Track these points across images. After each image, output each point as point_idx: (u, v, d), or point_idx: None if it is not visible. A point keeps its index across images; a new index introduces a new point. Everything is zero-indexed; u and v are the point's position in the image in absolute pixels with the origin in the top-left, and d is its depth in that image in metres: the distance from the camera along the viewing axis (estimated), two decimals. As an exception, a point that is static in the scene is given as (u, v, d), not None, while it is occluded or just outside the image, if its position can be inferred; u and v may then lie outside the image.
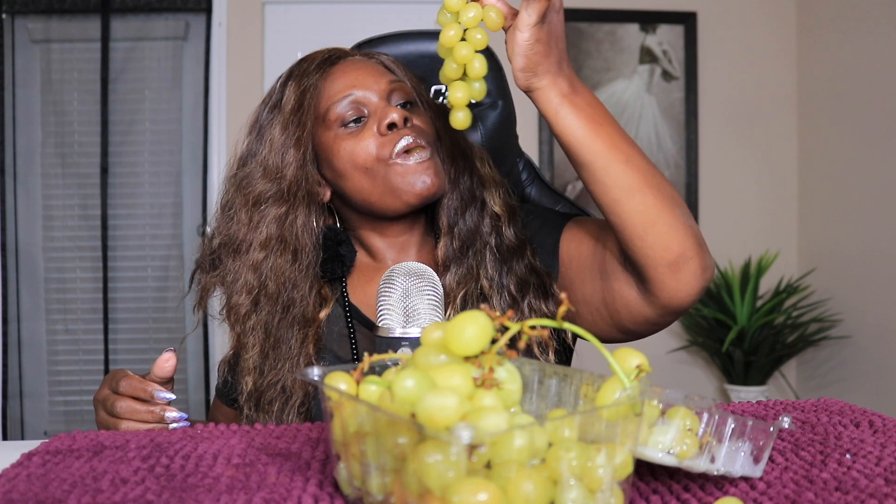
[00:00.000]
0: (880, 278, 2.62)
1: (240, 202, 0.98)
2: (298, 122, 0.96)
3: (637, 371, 0.51)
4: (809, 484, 0.57)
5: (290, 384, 0.94)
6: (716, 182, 3.10)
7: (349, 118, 0.95)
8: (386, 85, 0.97)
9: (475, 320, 0.51)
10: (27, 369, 2.99)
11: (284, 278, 0.95)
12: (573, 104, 0.80)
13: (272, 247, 0.95)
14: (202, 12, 2.95)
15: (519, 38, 0.76)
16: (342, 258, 0.99)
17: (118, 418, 0.82)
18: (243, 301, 0.96)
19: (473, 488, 0.42)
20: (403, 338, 0.79)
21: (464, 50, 0.77)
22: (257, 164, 0.97)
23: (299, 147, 0.95)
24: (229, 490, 0.56)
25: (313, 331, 0.96)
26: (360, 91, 0.96)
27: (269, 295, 0.95)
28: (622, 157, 0.81)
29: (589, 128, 0.80)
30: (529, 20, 0.75)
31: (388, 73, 1.00)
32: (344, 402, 0.51)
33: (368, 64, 1.00)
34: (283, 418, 0.93)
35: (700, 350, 3.07)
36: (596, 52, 3.04)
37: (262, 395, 0.95)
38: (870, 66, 2.67)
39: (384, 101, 0.96)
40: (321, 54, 1.00)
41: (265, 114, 1.00)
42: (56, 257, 3.01)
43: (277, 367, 0.94)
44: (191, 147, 3.00)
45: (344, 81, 0.97)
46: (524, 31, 0.75)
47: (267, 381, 0.94)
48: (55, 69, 2.99)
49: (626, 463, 0.49)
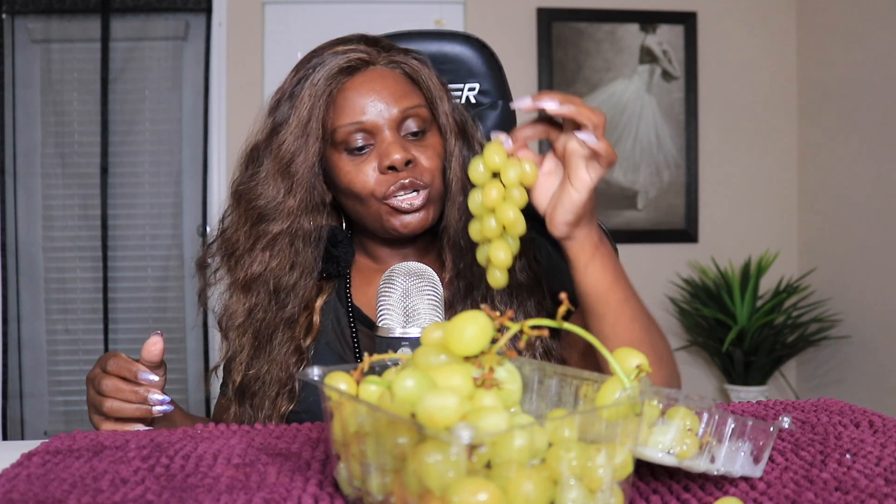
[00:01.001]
0: (880, 278, 2.62)
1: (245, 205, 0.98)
2: (309, 131, 0.95)
3: (637, 371, 0.51)
4: (809, 484, 0.57)
5: (268, 380, 0.96)
6: (716, 182, 3.10)
7: (354, 145, 0.94)
8: (398, 114, 0.94)
9: (475, 320, 0.51)
10: (27, 369, 2.99)
11: (282, 280, 0.96)
12: (602, 255, 0.80)
13: (275, 247, 0.96)
14: (202, 12, 2.95)
15: (575, 197, 0.74)
16: (337, 259, 1.00)
17: (103, 396, 0.83)
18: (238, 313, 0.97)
19: (473, 488, 0.42)
20: (403, 338, 0.79)
21: (510, 212, 0.73)
22: (269, 160, 0.97)
23: (308, 153, 0.95)
24: (229, 490, 0.56)
25: (304, 321, 0.98)
26: (370, 119, 0.93)
27: (267, 300, 0.96)
28: (630, 313, 0.81)
29: (609, 281, 0.80)
30: (590, 182, 0.74)
31: (406, 91, 0.96)
32: (344, 402, 0.51)
33: (387, 80, 0.96)
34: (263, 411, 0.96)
35: (700, 350, 3.07)
36: (596, 52, 3.04)
37: (245, 389, 0.97)
38: (870, 67, 2.67)
39: (394, 131, 0.94)
40: (340, 62, 0.95)
41: (279, 110, 0.98)
42: (56, 257, 3.01)
43: (260, 363, 0.97)
44: (191, 147, 3.00)
45: (356, 104, 0.94)
46: (582, 192, 0.74)
47: (249, 377, 0.97)
48: (55, 69, 2.99)
49: (626, 463, 0.49)
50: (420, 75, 0.98)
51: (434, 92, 0.98)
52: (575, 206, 0.75)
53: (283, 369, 0.96)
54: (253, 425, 0.77)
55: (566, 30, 3.03)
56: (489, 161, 0.73)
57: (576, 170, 0.74)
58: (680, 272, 3.06)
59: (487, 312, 0.52)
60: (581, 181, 0.74)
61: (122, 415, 0.83)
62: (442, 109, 0.98)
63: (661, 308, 3.08)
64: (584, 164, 0.74)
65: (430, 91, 0.98)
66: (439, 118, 0.99)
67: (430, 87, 0.98)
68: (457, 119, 1.00)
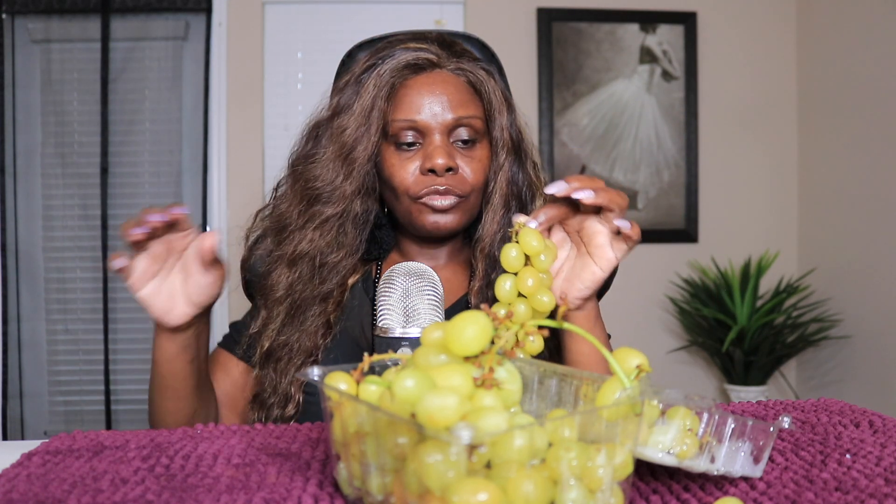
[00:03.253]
0: (880, 278, 2.62)
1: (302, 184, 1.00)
2: (371, 121, 0.97)
3: (637, 371, 0.51)
4: (809, 484, 0.57)
5: (296, 348, 0.98)
6: (716, 182, 3.10)
7: (403, 140, 0.96)
8: (452, 120, 0.95)
9: (475, 320, 0.51)
10: (27, 369, 2.99)
11: (327, 258, 0.99)
12: (599, 319, 0.86)
13: (325, 227, 0.99)
14: (202, 12, 2.95)
15: (598, 274, 0.80)
16: (379, 242, 1.04)
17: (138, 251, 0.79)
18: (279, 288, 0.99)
19: (473, 488, 0.42)
20: (403, 338, 0.79)
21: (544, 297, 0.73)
22: (331, 143, 0.99)
23: (368, 142, 0.97)
24: (229, 490, 0.56)
25: (333, 302, 1.00)
26: (424, 119, 0.95)
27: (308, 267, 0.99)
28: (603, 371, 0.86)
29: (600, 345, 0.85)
30: (615, 261, 0.79)
31: (466, 99, 0.97)
32: (344, 402, 0.51)
33: (449, 86, 0.97)
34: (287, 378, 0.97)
35: (700, 350, 3.07)
36: (596, 52, 3.04)
37: (271, 354, 0.99)
38: (870, 66, 2.67)
39: (444, 136, 0.95)
40: (408, 57, 0.97)
41: (344, 93, 0.99)
42: (56, 257, 3.01)
43: (291, 330, 0.98)
44: (191, 147, 3.00)
45: (413, 102, 0.95)
46: (606, 269, 0.80)
47: (278, 343, 0.98)
48: (55, 69, 2.99)
49: (626, 463, 0.49)
50: (484, 87, 0.99)
51: (494, 105, 0.99)
52: (596, 282, 0.80)
53: (311, 340, 0.98)
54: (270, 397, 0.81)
55: (566, 30, 3.03)
56: (527, 246, 0.74)
57: (600, 248, 0.79)
58: (680, 272, 3.07)
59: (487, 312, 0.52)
60: (606, 259, 0.79)
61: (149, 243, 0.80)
62: (499, 123, 0.99)
63: (661, 308, 3.08)
64: (609, 243, 0.79)
65: (490, 104, 0.99)
66: (493, 131, 1.00)
67: (493, 100, 0.99)
68: (512, 135, 1.01)
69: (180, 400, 0.92)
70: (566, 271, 0.82)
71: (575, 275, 0.81)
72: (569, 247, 0.84)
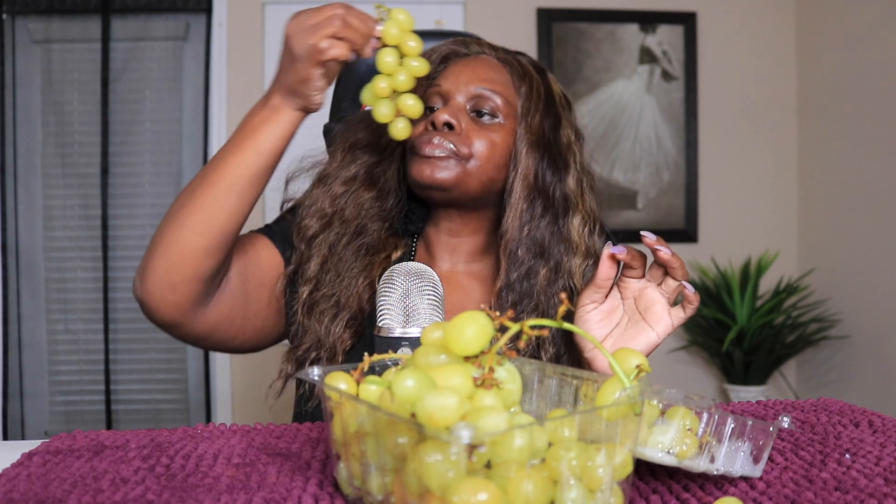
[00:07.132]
0: (880, 278, 2.62)
1: (340, 143, 1.03)
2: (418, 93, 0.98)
3: (637, 371, 0.52)
4: (809, 484, 0.57)
5: (343, 300, 0.96)
6: (716, 182, 3.10)
7: (429, 104, 0.97)
8: (474, 91, 0.96)
9: (475, 320, 0.51)
10: (27, 369, 2.99)
11: (363, 209, 0.99)
12: None
13: (357, 183, 1.00)
14: (202, 12, 2.95)
15: (654, 338, 0.84)
16: (412, 215, 1.03)
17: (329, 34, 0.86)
18: (313, 224, 0.99)
19: (473, 488, 0.42)
20: (403, 338, 0.79)
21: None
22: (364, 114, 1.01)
23: None
24: (229, 490, 0.56)
25: (380, 260, 0.99)
26: (448, 85, 0.97)
27: (345, 219, 0.99)
28: None
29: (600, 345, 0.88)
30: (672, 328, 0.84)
31: (499, 79, 0.97)
32: (344, 402, 0.52)
33: (486, 66, 0.99)
34: (332, 329, 0.95)
35: (700, 350, 3.07)
36: (596, 52, 3.04)
37: (315, 304, 0.97)
38: (870, 66, 2.67)
39: (461, 101, 0.96)
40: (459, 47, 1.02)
41: None
42: (56, 257, 3.01)
43: (336, 282, 0.97)
44: (191, 147, 3.00)
45: (450, 72, 0.98)
46: (662, 335, 0.84)
47: (322, 294, 0.97)
48: (55, 69, 2.99)
49: (626, 463, 0.49)
50: (527, 80, 0.99)
51: (533, 100, 0.98)
52: (651, 347, 0.84)
53: (355, 300, 0.96)
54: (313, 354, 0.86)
55: (566, 30, 3.03)
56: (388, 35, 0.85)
57: (658, 314, 0.83)
58: (680, 272, 3.06)
59: (487, 312, 0.52)
60: (664, 325, 0.83)
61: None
62: (533, 118, 0.97)
63: (661, 308, 3.08)
64: (668, 310, 0.83)
65: (528, 97, 0.98)
66: (521, 122, 0.97)
67: (532, 95, 0.98)
68: (547, 136, 0.98)
69: (246, 199, 0.87)
70: (616, 337, 0.86)
71: (627, 340, 0.85)
72: (620, 313, 0.87)
